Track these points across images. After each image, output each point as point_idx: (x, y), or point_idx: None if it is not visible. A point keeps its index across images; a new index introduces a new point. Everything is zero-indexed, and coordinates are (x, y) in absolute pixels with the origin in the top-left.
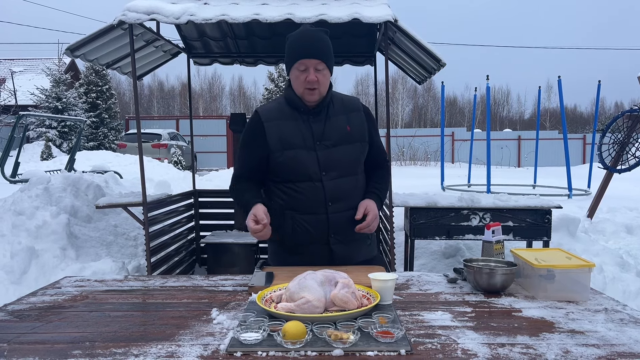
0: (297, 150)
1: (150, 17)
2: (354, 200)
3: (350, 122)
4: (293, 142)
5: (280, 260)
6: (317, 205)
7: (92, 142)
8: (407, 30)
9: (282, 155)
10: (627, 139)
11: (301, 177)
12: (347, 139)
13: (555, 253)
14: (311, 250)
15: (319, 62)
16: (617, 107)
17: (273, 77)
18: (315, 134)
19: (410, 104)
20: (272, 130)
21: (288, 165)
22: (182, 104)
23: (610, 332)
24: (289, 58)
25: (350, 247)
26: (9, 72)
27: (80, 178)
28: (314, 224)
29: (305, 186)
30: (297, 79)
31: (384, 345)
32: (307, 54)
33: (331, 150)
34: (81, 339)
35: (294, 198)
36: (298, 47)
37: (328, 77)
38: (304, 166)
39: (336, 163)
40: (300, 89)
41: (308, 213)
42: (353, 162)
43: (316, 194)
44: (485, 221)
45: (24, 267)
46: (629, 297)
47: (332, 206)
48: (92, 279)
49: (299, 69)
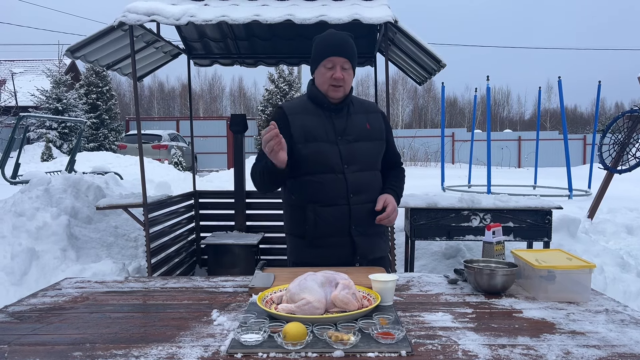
0: (320, 143)
1: (151, 18)
2: (373, 193)
3: (369, 121)
4: (316, 135)
5: (301, 256)
6: (339, 196)
7: (93, 143)
8: (408, 31)
9: (305, 147)
10: (628, 139)
11: (324, 169)
12: (367, 136)
13: (556, 254)
14: (333, 242)
15: (345, 61)
16: (617, 107)
17: (273, 78)
18: (337, 129)
19: (411, 105)
20: (296, 122)
21: (311, 157)
22: (183, 105)
23: (611, 333)
24: (316, 55)
25: (371, 240)
26: (10, 73)
27: (81, 179)
28: (336, 215)
29: (327, 178)
30: (323, 76)
31: (385, 347)
32: (336, 52)
33: (352, 144)
34: (81, 340)
35: (316, 190)
36: (327, 46)
37: (352, 77)
38: (327, 158)
39: (357, 157)
40: (325, 85)
41: (330, 205)
42: (373, 157)
43: (338, 185)
44: (485, 222)
45: (25, 269)
46: (630, 298)
47: (353, 198)
48: (93, 281)
49: (326, 66)
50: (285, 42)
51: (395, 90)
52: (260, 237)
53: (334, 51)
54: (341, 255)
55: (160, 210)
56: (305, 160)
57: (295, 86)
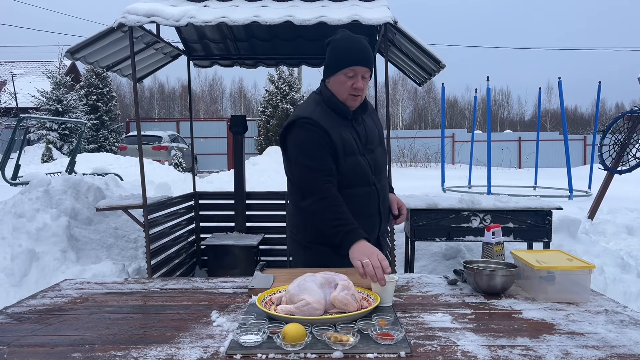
0: (355, 157)
1: (150, 19)
2: (389, 202)
3: (376, 124)
4: (352, 148)
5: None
6: (373, 208)
7: (93, 144)
8: (407, 31)
9: (345, 161)
10: (628, 140)
11: (361, 182)
12: (380, 141)
13: (556, 254)
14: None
15: (367, 71)
16: (617, 108)
17: (273, 79)
18: (361, 139)
19: (411, 106)
20: (335, 136)
21: (350, 171)
22: (183, 106)
23: (610, 334)
24: (337, 62)
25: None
26: (10, 74)
27: (81, 180)
28: (369, 227)
29: (363, 191)
30: (343, 84)
31: (384, 347)
32: (359, 62)
33: (374, 153)
34: (81, 341)
35: (352, 203)
36: (349, 53)
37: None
38: (364, 171)
39: (380, 166)
40: (345, 94)
41: (365, 217)
42: (386, 163)
43: (372, 198)
44: (485, 223)
45: (24, 270)
46: (630, 299)
47: (382, 208)
48: (92, 282)
49: (347, 75)
50: (285, 43)
51: (395, 91)
52: (260, 238)
53: (358, 60)
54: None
55: (160, 212)
56: (345, 174)
57: (295, 87)
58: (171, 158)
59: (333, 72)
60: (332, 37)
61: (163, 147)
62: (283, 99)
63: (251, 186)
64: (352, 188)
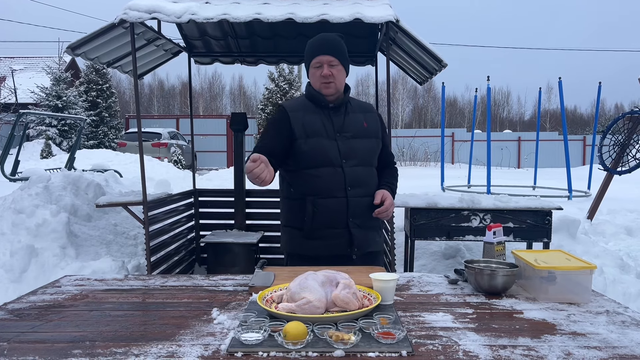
0: (319, 139)
1: (152, 15)
2: (370, 188)
3: (366, 120)
4: (316, 131)
5: (297, 247)
6: (337, 189)
7: (92, 140)
8: (409, 30)
9: (305, 142)
10: (628, 140)
11: (323, 163)
12: (365, 133)
13: (556, 254)
14: (330, 234)
15: (332, 59)
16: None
17: (273, 76)
18: (335, 126)
19: (411, 105)
20: (297, 119)
21: (311, 152)
22: (182, 103)
23: (612, 335)
24: (306, 58)
25: (367, 233)
26: (10, 70)
27: (81, 177)
28: (334, 207)
29: (326, 171)
30: (313, 75)
31: (385, 346)
32: (321, 52)
33: (350, 141)
34: (81, 338)
35: (316, 183)
36: (313, 47)
37: (343, 73)
38: (326, 153)
39: (355, 153)
40: (317, 83)
41: (328, 197)
42: (369, 154)
43: (337, 178)
44: (485, 222)
45: (24, 266)
46: (630, 299)
47: (351, 191)
48: (92, 278)
49: (315, 66)
50: (287, 40)
51: (395, 90)
52: (260, 235)
53: (320, 50)
54: (337, 247)
55: (160, 209)
56: (306, 155)
57: (296, 85)
58: (170, 155)
59: (307, 68)
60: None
61: (162, 144)
62: (283, 97)
63: (251, 184)
64: (314, 169)
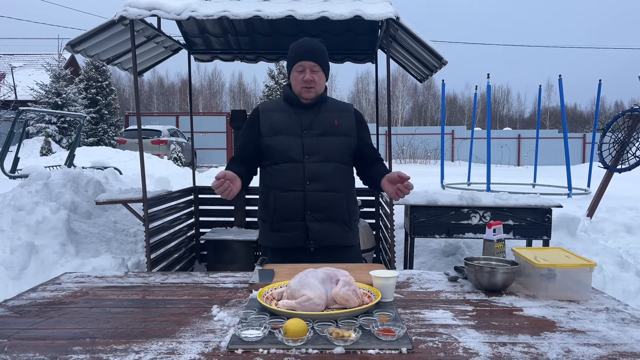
0: (285, 136)
1: (152, 12)
2: (332, 183)
3: (338, 118)
4: (282, 129)
5: (265, 240)
6: (296, 183)
7: (92, 138)
8: (409, 27)
9: (271, 139)
10: (628, 138)
11: (285, 158)
12: (334, 131)
13: (556, 252)
14: (289, 226)
15: (314, 65)
16: (617, 106)
17: (273, 74)
18: (303, 124)
19: (411, 102)
20: (266, 118)
21: (275, 148)
22: (182, 100)
23: (611, 332)
24: (289, 60)
25: (326, 227)
26: (9, 67)
27: (80, 174)
28: (292, 200)
29: (287, 166)
30: (295, 79)
31: (385, 344)
32: (305, 57)
33: (317, 138)
34: (81, 335)
35: (277, 177)
36: (297, 52)
37: (324, 79)
38: (289, 149)
39: (319, 149)
40: (298, 87)
41: (287, 190)
42: (336, 151)
43: (296, 173)
44: (485, 220)
45: (24, 263)
46: (629, 297)
47: (309, 185)
48: (93, 275)
49: (297, 70)
50: (287, 37)
51: (395, 87)
52: None
53: (303, 56)
54: (295, 239)
55: (160, 206)
56: (271, 151)
57: None
58: (170, 152)
59: (289, 71)
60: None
61: (162, 141)
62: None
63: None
64: (278, 164)
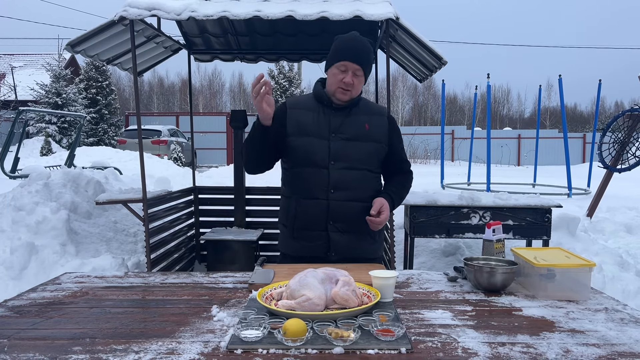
0: (310, 138)
1: (152, 13)
2: (358, 192)
3: (370, 122)
4: (309, 130)
5: (285, 246)
6: (319, 190)
7: (92, 138)
8: (409, 27)
9: (296, 140)
10: (628, 138)
11: (309, 163)
12: (363, 136)
13: (555, 252)
14: (310, 235)
15: (358, 68)
16: (617, 106)
17: (273, 74)
18: (332, 126)
19: (411, 102)
20: (293, 116)
21: (299, 150)
22: (182, 100)
23: (610, 332)
24: (333, 55)
25: (348, 238)
26: (9, 67)
27: (80, 174)
28: (314, 208)
29: (311, 172)
30: (334, 77)
31: (385, 344)
32: (351, 58)
33: (345, 142)
34: (81, 335)
35: (300, 183)
36: (344, 49)
37: (362, 83)
38: (313, 153)
39: (347, 155)
40: (335, 86)
41: (310, 198)
42: (364, 157)
43: (320, 179)
44: (485, 220)
45: (24, 263)
46: (629, 297)
47: (334, 193)
48: (92, 275)
49: (339, 69)
50: (286, 38)
51: (395, 87)
52: (260, 233)
53: (350, 56)
54: (316, 250)
55: (160, 206)
56: (294, 153)
57: (295, 82)
58: (170, 152)
59: (329, 65)
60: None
61: (162, 141)
62: (283, 94)
63: (250, 181)
64: (301, 167)
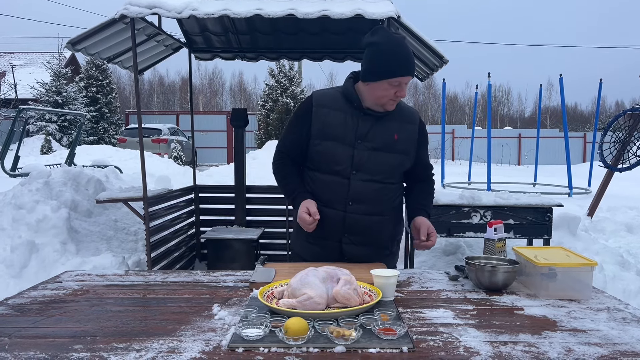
0: (335, 143)
1: (152, 11)
2: (377, 206)
3: (400, 132)
4: (333, 133)
5: (300, 248)
6: (337, 201)
7: (92, 136)
8: (410, 26)
9: (320, 144)
10: (628, 137)
11: (330, 171)
12: (391, 146)
13: (556, 251)
14: (324, 244)
15: (410, 78)
16: (618, 105)
17: (274, 72)
18: (359, 132)
19: (411, 101)
20: (319, 116)
21: (322, 155)
22: (182, 99)
23: (612, 331)
24: (383, 71)
25: (362, 252)
26: (9, 65)
27: (81, 172)
28: (330, 218)
29: (331, 180)
30: (385, 91)
31: (386, 342)
32: (405, 72)
33: (370, 152)
34: (82, 333)
35: (319, 189)
36: (397, 62)
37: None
38: (336, 161)
39: (370, 166)
40: (385, 99)
41: (327, 207)
42: (388, 169)
43: (340, 190)
44: (486, 219)
45: (24, 261)
46: (629, 296)
47: (352, 206)
48: (93, 274)
49: (392, 84)
50: (287, 36)
51: None
52: (260, 232)
53: (404, 71)
54: (329, 257)
55: (161, 204)
56: (317, 157)
57: (296, 81)
58: (171, 151)
59: (376, 79)
60: (372, 39)
61: (163, 140)
62: (283, 93)
63: (250, 180)
64: (322, 173)
